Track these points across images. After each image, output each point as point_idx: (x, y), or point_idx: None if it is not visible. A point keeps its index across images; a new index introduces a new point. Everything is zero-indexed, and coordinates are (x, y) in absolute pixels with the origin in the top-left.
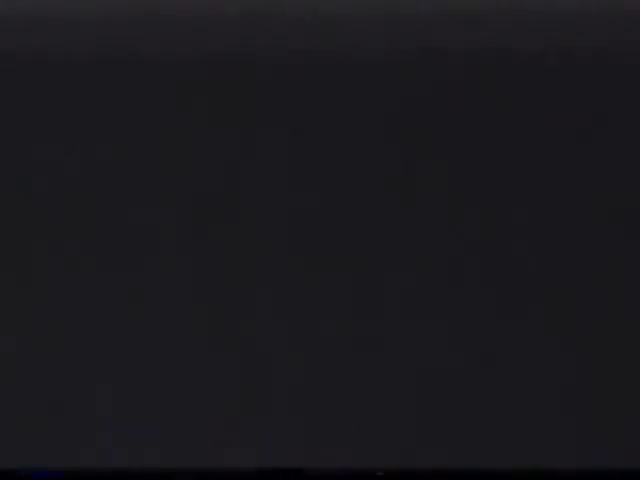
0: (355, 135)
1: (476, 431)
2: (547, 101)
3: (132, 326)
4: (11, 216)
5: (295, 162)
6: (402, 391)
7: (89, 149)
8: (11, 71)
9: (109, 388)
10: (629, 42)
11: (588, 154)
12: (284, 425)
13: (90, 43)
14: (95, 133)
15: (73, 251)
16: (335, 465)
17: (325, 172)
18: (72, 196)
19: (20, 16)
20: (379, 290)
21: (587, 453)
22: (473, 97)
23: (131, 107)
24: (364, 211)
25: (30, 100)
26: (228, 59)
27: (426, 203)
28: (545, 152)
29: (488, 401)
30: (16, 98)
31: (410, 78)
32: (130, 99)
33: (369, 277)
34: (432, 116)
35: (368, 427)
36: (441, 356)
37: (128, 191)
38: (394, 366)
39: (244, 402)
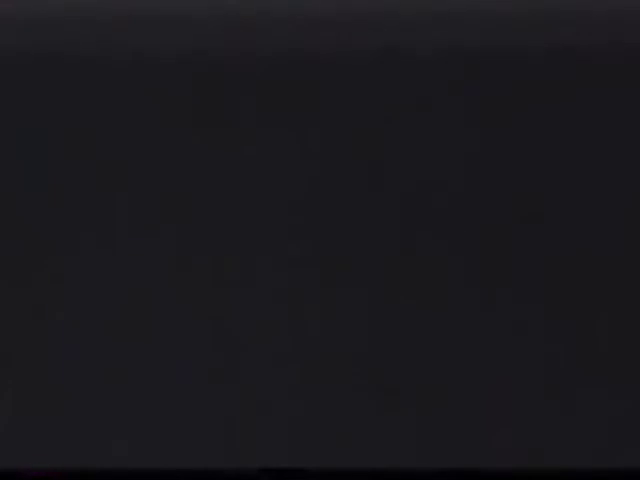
0: (355, 134)
1: (476, 431)
2: (547, 101)
3: (132, 326)
4: (10, 216)
5: (295, 162)
6: (402, 391)
7: (88, 148)
8: (11, 71)
9: (110, 388)
10: (629, 42)
11: (588, 154)
12: (284, 425)
13: (91, 43)
14: (94, 133)
15: (72, 251)
16: (335, 465)
17: (325, 172)
18: (70, 195)
19: (20, 16)
20: (379, 290)
21: (587, 453)
22: (473, 97)
23: (131, 107)
24: (364, 210)
25: (29, 100)
26: (228, 59)
27: (426, 202)
28: (545, 152)
29: (488, 401)
30: (15, 98)
31: (410, 78)
32: (130, 99)
33: (369, 277)
34: (432, 116)
35: (368, 427)
36: (441, 356)
37: (126, 190)
38: (394, 366)
39: (244, 402)
